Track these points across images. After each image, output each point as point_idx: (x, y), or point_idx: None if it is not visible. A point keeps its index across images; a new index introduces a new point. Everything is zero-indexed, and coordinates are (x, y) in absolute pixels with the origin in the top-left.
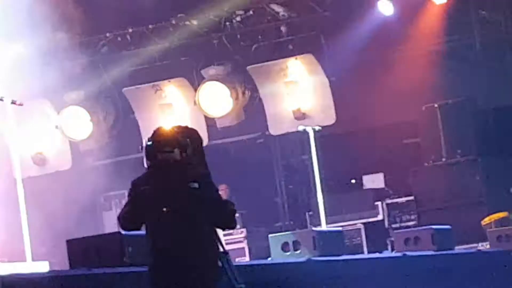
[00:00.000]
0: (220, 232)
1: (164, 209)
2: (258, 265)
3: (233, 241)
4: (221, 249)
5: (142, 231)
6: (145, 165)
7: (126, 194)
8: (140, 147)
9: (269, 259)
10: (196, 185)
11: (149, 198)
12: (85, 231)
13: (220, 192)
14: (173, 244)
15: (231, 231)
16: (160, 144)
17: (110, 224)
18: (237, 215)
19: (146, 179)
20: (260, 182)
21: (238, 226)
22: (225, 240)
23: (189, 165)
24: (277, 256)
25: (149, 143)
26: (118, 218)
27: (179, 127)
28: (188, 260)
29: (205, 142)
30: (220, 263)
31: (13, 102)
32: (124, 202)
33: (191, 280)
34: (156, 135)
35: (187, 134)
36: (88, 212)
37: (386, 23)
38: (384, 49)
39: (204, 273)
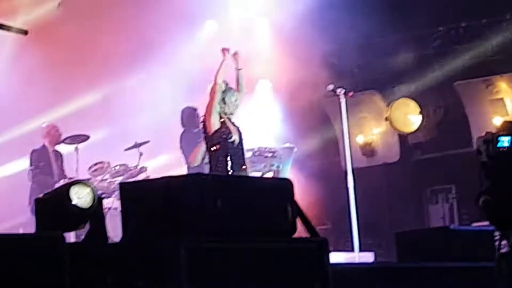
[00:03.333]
0: None
1: None
2: None
3: None
4: None
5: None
6: (482, 160)
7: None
8: (476, 140)
9: None
10: None
11: None
12: (410, 224)
13: None
14: None
15: None
16: None
17: (436, 218)
18: None
19: None
20: None
21: None
22: None
23: None
24: None
25: None
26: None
27: None
28: None
29: None
30: None
31: (345, 93)
32: (451, 196)
33: None
34: None
35: None
36: (413, 205)
37: None
38: None
39: None
